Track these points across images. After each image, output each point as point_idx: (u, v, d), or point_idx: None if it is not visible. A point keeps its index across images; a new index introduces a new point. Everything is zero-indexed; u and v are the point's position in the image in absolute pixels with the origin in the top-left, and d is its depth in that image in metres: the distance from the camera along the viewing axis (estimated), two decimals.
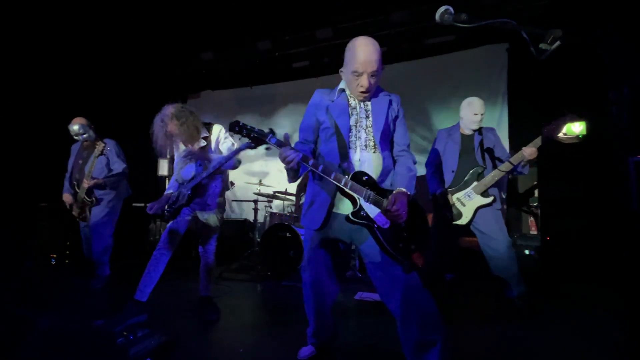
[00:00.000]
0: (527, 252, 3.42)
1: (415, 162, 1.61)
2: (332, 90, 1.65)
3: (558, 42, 0.78)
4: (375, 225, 1.43)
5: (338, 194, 1.52)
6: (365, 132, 1.55)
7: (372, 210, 1.44)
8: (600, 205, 3.55)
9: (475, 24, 0.93)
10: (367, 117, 1.57)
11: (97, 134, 3.29)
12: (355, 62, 1.46)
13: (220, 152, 2.45)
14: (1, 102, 4.13)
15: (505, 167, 2.47)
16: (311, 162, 1.45)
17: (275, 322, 2.41)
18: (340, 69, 1.60)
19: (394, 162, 1.61)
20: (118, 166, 3.24)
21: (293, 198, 4.56)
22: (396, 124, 1.61)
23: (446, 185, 2.63)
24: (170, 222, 2.33)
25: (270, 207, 4.67)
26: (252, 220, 4.62)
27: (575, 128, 3.90)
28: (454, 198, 2.57)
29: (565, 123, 2.42)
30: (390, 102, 1.60)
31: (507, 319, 2.34)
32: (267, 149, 1.51)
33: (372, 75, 1.48)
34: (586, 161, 3.73)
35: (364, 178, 1.47)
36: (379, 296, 2.85)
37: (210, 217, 2.38)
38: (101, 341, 1.80)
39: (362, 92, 1.52)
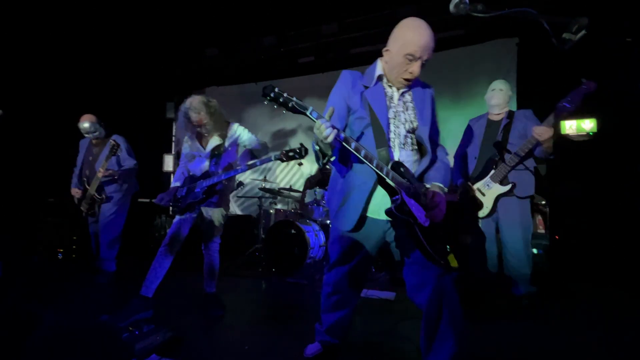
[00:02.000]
0: (535, 250, 3.36)
1: (447, 154, 1.52)
2: (364, 73, 1.48)
3: (583, 32, 0.74)
4: (417, 223, 1.30)
5: (372, 191, 1.39)
6: (405, 126, 1.41)
7: (412, 205, 1.31)
8: (610, 204, 3.48)
9: (491, 14, 0.89)
10: (406, 109, 1.43)
11: (107, 130, 3.30)
12: (413, 45, 1.30)
13: (239, 147, 2.45)
14: (8, 99, 4.14)
15: (521, 150, 2.29)
16: (353, 144, 1.27)
17: (280, 319, 2.40)
18: (384, 50, 1.41)
19: (432, 158, 1.48)
20: (129, 162, 3.26)
21: (298, 195, 4.54)
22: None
23: (470, 174, 2.50)
24: (177, 218, 2.32)
25: (275, 204, 4.66)
26: (256, 217, 4.62)
27: (586, 125, 3.83)
28: (474, 188, 2.43)
29: (582, 95, 2.11)
30: (432, 96, 1.49)
31: (512, 316, 2.31)
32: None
33: (423, 63, 1.35)
34: (596, 159, 3.66)
35: (401, 169, 1.34)
36: (385, 293, 2.85)
37: (215, 214, 2.37)
38: (106, 336, 1.80)
39: (407, 80, 1.38)
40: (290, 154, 2.08)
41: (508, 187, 2.34)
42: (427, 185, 1.40)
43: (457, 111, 4.40)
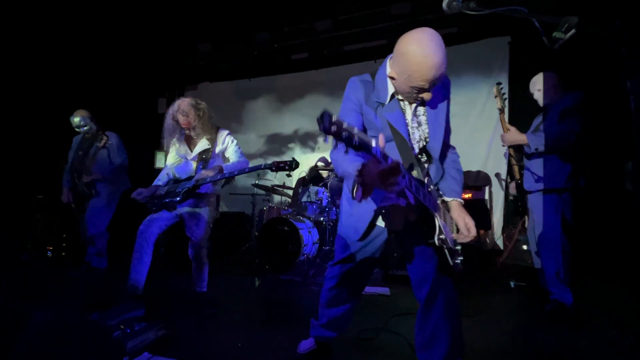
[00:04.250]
0: (525, 247, 3.41)
1: (458, 156, 1.46)
2: (374, 85, 1.32)
3: (573, 31, 0.75)
4: (447, 247, 1.27)
5: (382, 203, 1.32)
6: (418, 145, 1.32)
7: (444, 227, 1.26)
8: (601, 200, 3.54)
9: (484, 12, 0.90)
10: (419, 125, 1.33)
11: (99, 126, 3.27)
12: (418, 78, 1.13)
13: (224, 157, 2.43)
14: None
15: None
16: (414, 184, 1.13)
17: (273, 316, 2.40)
18: (389, 73, 1.25)
19: (443, 167, 1.41)
20: (119, 159, 3.25)
21: (291, 192, 4.54)
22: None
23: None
24: (150, 215, 2.29)
25: (269, 201, 4.64)
26: (249, 214, 4.60)
27: None
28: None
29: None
30: (448, 99, 1.36)
31: (515, 315, 2.34)
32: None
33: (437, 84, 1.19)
34: (587, 156, 3.71)
35: (429, 190, 1.26)
36: (381, 288, 2.87)
37: (202, 216, 2.32)
38: (98, 335, 1.79)
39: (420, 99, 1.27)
40: (281, 165, 2.07)
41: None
42: (447, 199, 1.35)
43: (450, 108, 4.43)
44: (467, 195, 3.93)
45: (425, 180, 1.29)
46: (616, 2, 2.89)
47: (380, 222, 1.39)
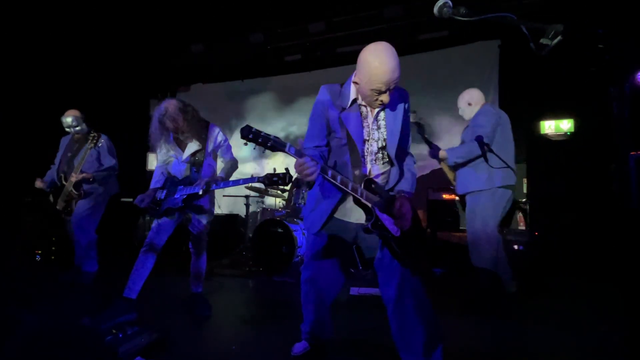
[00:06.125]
0: (516, 247, 3.47)
1: (415, 163, 1.62)
2: (341, 91, 1.53)
3: (559, 37, 0.78)
4: (390, 235, 1.42)
5: (341, 200, 1.51)
6: (377, 144, 1.51)
7: (385, 219, 1.43)
8: (588, 201, 3.63)
9: (473, 18, 0.92)
10: (378, 128, 1.52)
11: (90, 127, 3.22)
12: (377, 82, 1.35)
13: (217, 156, 2.42)
14: None
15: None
16: (330, 172, 1.36)
17: (267, 317, 2.40)
18: (354, 79, 1.47)
19: (400, 169, 1.57)
20: (109, 161, 3.19)
21: (285, 194, 4.54)
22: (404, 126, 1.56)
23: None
24: (155, 222, 2.28)
25: (262, 203, 4.63)
26: (243, 216, 4.58)
27: (564, 125, 3.98)
28: None
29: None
30: (405, 108, 1.54)
31: (496, 313, 2.38)
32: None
33: (392, 88, 1.39)
34: (574, 157, 3.81)
35: (373, 186, 1.44)
36: (376, 289, 2.89)
37: (202, 218, 2.35)
38: (89, 340, 1.76)
39: (380, 105, 1.46)
40: (274, 179, 2.06)
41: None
42: (395, 195, 1.49)
43: (439, 111, 4.49)
44: (450, 197, 3.95)
45: (369, 173, 1.50)
46: (600, 11, 2.97)
47: (341, 215, 1.55)
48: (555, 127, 3.94)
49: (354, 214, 1.53)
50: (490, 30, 4.36)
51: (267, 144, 1.24)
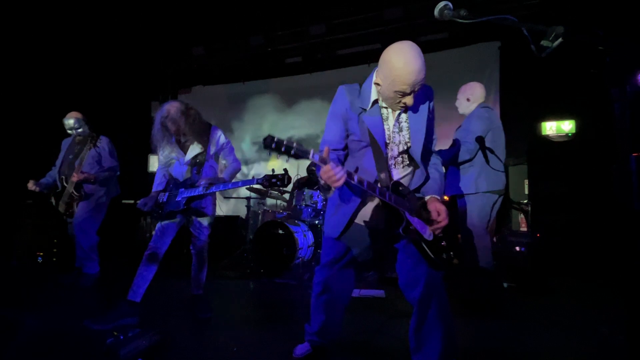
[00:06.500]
0: (517, 248, 3.46)
1: (441, 161, 1.57)
2: (360, 92, 1.46)
3: (560, 39, 0.78)
4: (422, 239, 1.37)
5: (361, 204, 1.46)
6: (398, 148, 1.44)
7: (417, 223, 1.37)
8: (589, 202, 3.62)
9: (474, 20, 0.93)
10: (400, 130, 1.44)
11: (92, 129, 3.23)
12: (401, 84, 1.27)
13: (219, 159, 2.42)
14: None
15: None
16: (356, 177, 1.29)
17: (268, 319, 2.40)
18: (375, 80, 1.38)
19: (426, 170, 1.50)
20: (109, 163, 3.19)
21: (286, 196, 4.54)
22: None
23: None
24: (158, 225, 2.28)
25: (263, 204, 4.63)
26: (244, 218, 4.58)
27: (565, 126, 3.98)
28: None
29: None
30: (429, 106, 1.46)
31: (496, 313, 2.37)
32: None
33: (417, 89, 1.31)
34: (575, 159, 3.80)
35: (400, 189, 1.38)
36: (377, 291, 2.88)
37: (203, 220, 2.35)
38: (90, 341, 1.76)
39: (403, 106, 1.38)
40: (273, 180, 2.06)
41: None
42: (425, 198, 1.43)
43: (440, 113, 4.48)
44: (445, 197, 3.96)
45: (402, 182, 1.42)
46: (601, 12, 2.98)
47: (361, 220, 1.49)
48: (556, 128, 3.94)
49: (374, 218, 1.48)
50: (490, 32, 4.37)
51: (291, 152, 1.18)
